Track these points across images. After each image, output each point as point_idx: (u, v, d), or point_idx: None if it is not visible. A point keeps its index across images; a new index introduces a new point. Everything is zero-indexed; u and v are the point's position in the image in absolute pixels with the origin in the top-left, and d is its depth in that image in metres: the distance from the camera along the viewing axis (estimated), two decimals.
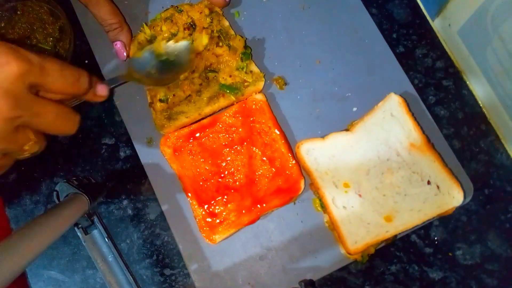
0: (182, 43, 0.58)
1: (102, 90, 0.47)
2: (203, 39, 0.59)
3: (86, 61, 0.65)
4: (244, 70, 0.59)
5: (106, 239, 0.58)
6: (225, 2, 0.61)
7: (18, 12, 0.62)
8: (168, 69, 0.57)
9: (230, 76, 0.59)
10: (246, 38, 0.62)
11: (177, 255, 0.59)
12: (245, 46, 0.60)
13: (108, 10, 0.58)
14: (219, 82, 0.59)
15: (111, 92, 0.51)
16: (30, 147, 0.39)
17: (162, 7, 0.64)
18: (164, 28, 0.60)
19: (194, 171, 0.58)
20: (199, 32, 0.59)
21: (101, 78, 0.62)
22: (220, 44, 0.59)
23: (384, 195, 0.56)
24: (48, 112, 0.38)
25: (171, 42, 0.57)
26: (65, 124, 0.41)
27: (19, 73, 0.35)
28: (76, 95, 0.43)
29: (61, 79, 0.39)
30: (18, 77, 0.35)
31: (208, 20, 0.60)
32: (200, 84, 0.59)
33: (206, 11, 0.60)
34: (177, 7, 0.61)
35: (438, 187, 0.55)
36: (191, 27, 0.60)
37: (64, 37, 0.62)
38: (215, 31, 0.59)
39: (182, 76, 0.58)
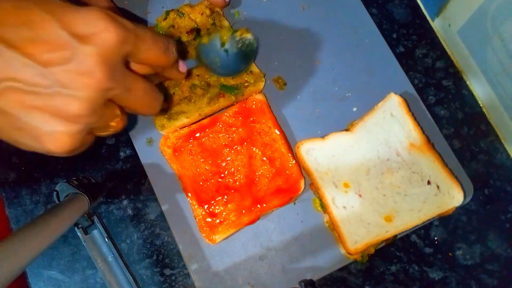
0: (247, 37, 0.56)
1: (183, 67, 0.47)
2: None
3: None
4: (248, 73, 0.59)
5: (106, 239, 0.58)
6: (224, 3, 0.61)
7: None
8: (230, 59, 0.56)
9: (233, 77, 0.59)
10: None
11: (177, 255, 0.59)
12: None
13: (106, 6, 0.58)
14: (220, 83, 0.59)
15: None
16: (117, 123, 0.38)
17: (162, 7, 0.64)
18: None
19: (194, 171, 0.58)
20: (204, 34, 0.59)
21: None
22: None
23: (384, 195, 0.56)
24: (138, 88, 0.38)
25: (237, 33, 0.56)
26: (150, 103, 0.40)
27: (117, 40, 0.33)
28: (165, 66, 0.42)
29: (154, 47, 0.38)
30: (116, 45, 0.33)
31: (211, 21, 0.60)
32: (202, 89, 0.59)
33: (207, 12, 0.60)
34: (178, 11, 0.60)
35: (438, 187, 0.55)
36: (195, 31, 0.59)
37: None
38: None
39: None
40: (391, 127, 0.57)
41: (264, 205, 0.57)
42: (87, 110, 0.33)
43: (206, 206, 0.57)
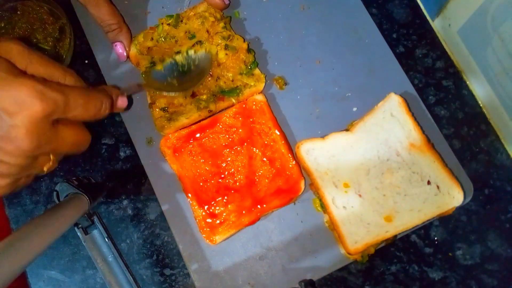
0: (202, 53, 0.58)
1: (122, 103, 0.48)
2: (211, 51, 0.59)
3: (86, 61, 0.65)
4: (248, 74, 0.59)
5: (106, 239, 0.58)
6: (224, 4, 0.61)
7: (18, 12, 0.62)
8: (188, 77, 0.58)
9: (232, 80, 0.59)
10: (249, 42, 0.62)
11: (177, 255, 0.59)
12: (248, 49, 0.60)
13: (107, 11, 0.58)
14: (219, 88, 0.58)
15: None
16: (49, 166, 0.41)
17: (162, 7, 0.64)
18: (165, 45, 0.60)
19: (194, 172, 0.58)
20: (208, 43, 0.59)
21: (101, 79, 0.63)
22: (227, 52, 0.58)
23: (384, 195, 0.56)
24: (67, 142, 0.40)
25: (191, 52, 0.58)
26: (78, 147, 0.42)
27: (43, 115, 0.35)
28: (97, 120, 0.43)
29: (84, 112, 0.40)
30: (41, 119, 0.35)
31: (222, 24, 0.60)
32: (205, 100, 0.59)
33: (217, 16, 0.60)
34: (178, 18, 0.60)
35: (438, 187, 0.55)
36: (197, 43, 0.59)
37: (64, 37, 0.62)
38: (225, 37, 0.59)
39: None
40: (391, 127, 0.57)
41: (264, 205, 0.57)
42: (14, 171, 0.37)
43: (206, 207, 0.57)
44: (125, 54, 0.61)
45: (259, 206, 0.57)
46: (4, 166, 0.36)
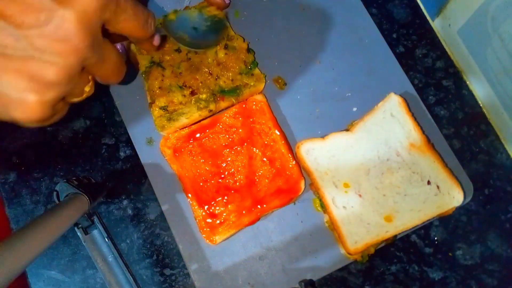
0: (216, 15, 0.57)
1: (157, 41, 0.46)
2: (209, 50, 0.59)
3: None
4: (248, 74, 0.59)
5: (106, 239, 0.58)
6: (224, 4, 0.61)
7: None
8: (200, 37, 0.56)
9: (232, 80, 0.59)
10: (249, 42, 0.62)
11: (177, 255, 0.59)
12: (248, 49, 0.60)
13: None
14: (219, 88, 0.58)
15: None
16: (89, 89, 0.37)
17: (162, 7, 0.64)
18: (165, 45, 0.59)
19: (194, 172, 0.58)
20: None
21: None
22: (226, 52, 0.58)
23: (384, 195, 0.56)
24: (111, 60, 0.37)
25: (205, 11, 0.57)
26: (117, 73, 0.39)
27: (98, 6, 0.31)
28: (141, 38, 0.40)
29: (134, 18, 0.37)
30: (96, 11, 0.31)
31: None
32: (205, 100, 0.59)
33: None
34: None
35: (438, 187, 0.55)
36: None
37: None
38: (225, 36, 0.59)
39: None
40: (391, 127, 0.57)
41: (264, 205, 0.57)
42: (64, 77, 0.31)
43: (206, 207, 0.57)
44: (124, 54, 0.60)
45: (259, 206, 0.57)
46: (50, 70, 0.30)
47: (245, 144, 0.58)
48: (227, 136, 0.59)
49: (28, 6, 0.29)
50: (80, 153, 0.63)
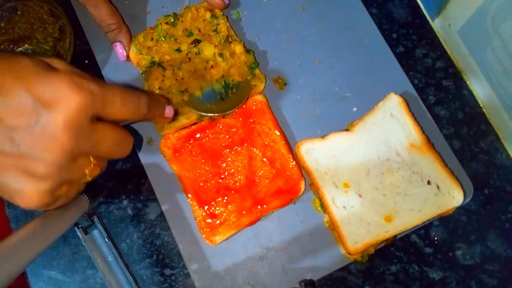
0: (240, 81, 0.59)
1: (170, 112, 0.48)
2: (208, 50, 0.58)
3: (86, 61, 0.65)
4: (251, 76, 0.59)
5: (106, 239, 0.58)
6: (224, 4, 0.61)
7: (18, 12, 0.62)
8: (227, 103, 0.58)
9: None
10: (249, 41, 0.62)
11: (177, 255, 0.59)
12: (247, 50, 0.60)
13: (106, 11, 0.58)
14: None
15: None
16: (91, 171, 0.39)
17: (162, 7, 0.64)
18: (165, 45, 0.60)
19: (194, 172, 0.58)
20: (207, 40, 0.59)
21: (101, 78, 0.63)
22: (226, 56, 0.58)
23: (384, 195, 0.56)
24: (107, 141, 0.38)
25: (229, 80, 0.59)
26: (121, 149, 0.40)
27: (81, 107, 0.34)
28: (137, 120, 0.42)
29: (122, 107, 0.38)
30: (79, 111, 0.34)
31: (213, 27, 0.60)
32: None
33: (208, 16, 0.60)
34: (175, 17, 0.60)
35: (438, 187, 0.55)
36: (195, 41, 0.59)
37: (64, 37, 0.62)
38: (222, 39, 0.59)
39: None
40: (391, 127, 0.57)
41: (265, 206, 0.57)
42: (53, 170, 0.34)
43: (206, 207, 0.57)
44: (124, 54, 0.60)
45: (259, 207, 0.57)
46: (39, 165, 0.34)
47: (245, 144, 0.58)
48: (227, 136, 0.59)
49: (19, 111, 0.33)
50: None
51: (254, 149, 0.58)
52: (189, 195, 0.57)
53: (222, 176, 0.58)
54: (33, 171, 0.34)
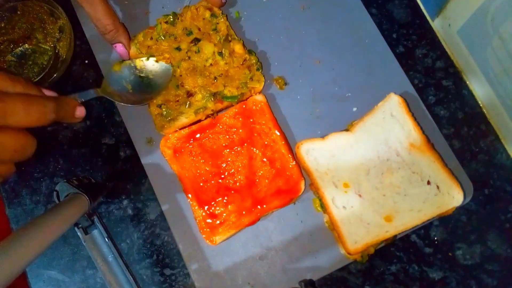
0: (163, 64, 0.58)
1: (80, 113, 0.48)
2: (208, 48, 0.59)
3: (86, 61, 0.65)
4: (253, 79, 0.59)
5: (106, 239, 0.58)
6: (221, 2, 0.61)
7: (18, 12, 0.62)
8: (144, 88, 0.58)
9: (237, 88, 0.59)
10: (249, 41, 0.62)
11: (177, 255, 0.59)
12: (249, 51, 0.60)
13: (102, 10, 0.57)
14: (222, 94, 0.58)
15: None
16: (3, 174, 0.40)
17: (163, 7, 0.64)
18: (165, 44, 0.60)
19: (194, 172, 0.58)
20: (207, 39, 0.59)
21: (101, 77, 0.63)
22: (225, 55, 0.58)
23: (384, 195, 0.56)
24: (7, 146, 0.39)
25: (152, 60, 0.58)
26: (21, 154, 0.41)
27: None
28: (43, 125, 0.42)
29: (26, 117, 0.39)
30: None
31: (213, 26, 0.60)
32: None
33: (207, 15, 0.60)
34: (175, 16, 0.60)
35: (438, 187, 0.55)
36: (195, 40, 0.59)
37: (64, 37, 0.62)
38: (221, 38, 0.59)
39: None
40: (391, 127, 0.57)
41: (265, 206, 0.57)
42: None
43: (206, 207, 0.57)
44: (127, 52, 0.60)
45: (259, 207, 0.57)
46: None
47: (245, 144, 0.58)
48: (227, 136, 0.59)
49: None
50: (80, 153, 0.63)
51: (254, 149, 0.58)
52: (189, 195, 0.57)
53: (222, 176, 0.58)
54: None
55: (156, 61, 0.58)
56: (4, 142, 0.39)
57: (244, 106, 0.59)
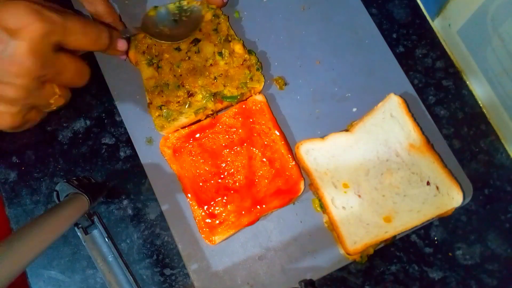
0: (194, 6, 0.61)
1: (122, 45, 0.51)
2: (208, 49, 0.59)
3: (86, 61, 0.65)
4: (253, 79, 0.59)
5: (106, 239, 0.58)
6: (222, 2, 0.61)
7: None
8: (180, 27, 0.60)
9: (237, 88, 0.59)
10: (249, 41, 0.62)
11: (177, 255, 0.60)
12: (249, 51, 0.60)
13: (102, 9, 0.57)
14: (222, 94, 0.58)
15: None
16: (56, 100, 0.43)
17: None
18: (165, 44, 0.60)
19: (194, 172, 0.58)
20: (207, 40, 0.59)
21: (101, 77, 0.63)
22: (225, 55, 0.58)
23: (384, 196, 0.56)
24: (69, 70, 0.42)
25: (184, 3, 0.61)
26: (80, 78, 0.44)
27: (43, 33, 0.37)
28: (98, 51, 0.47)
29: (83, 37, 0.42)
30: (43, 37, 0.37)
31: (214, 26, 0.60)
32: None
33: (209, 16, 0.60)
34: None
35: (437, 187, 0.55)
36: (195, 40, 0.59)
37: None
38: (221, 38, 0.59)
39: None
40: (390, 128, 0.57)
41: (264, 206, 0.57)
42: (21, 94, 0.38)
43: (205, 207, 0.57)
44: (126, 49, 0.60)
45: (258, 207, 0.57)
46: (10, 89, 0.37)
47: (245, 144, 0.58)
48: (227, 136, 0.59)
49: None
50: (80, 153, 0.63)
51: (254, 149, 0.58)
52: (189, 195, 0.57)
53: (222, 176, 0.58)
54: (5, 95, 0.38)
55: (187, 3, 0.61)
56: (66, 63, 0.41)
57: (244, 106, 0.59)
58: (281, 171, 0.57)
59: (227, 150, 0.58)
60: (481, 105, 0.63)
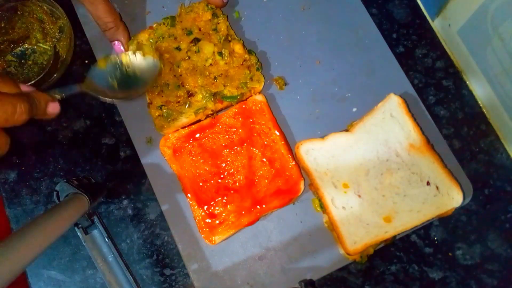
0: (150, 59, 0.55)
1: (54, 109, 0.46)
2: (208, 48, 0.58)
3: (86, 61, 0.65)
4: (253, 79, 0.59)
5: (106, 239, 0.58)
6: (222, 2, 0.61)
7: (18, 12, 0.63)
8: (130, 84, 0.54)
9: (237, 88, 0.59)
10: (249, 41, 0.62)
11: (177, 255, 0.60)
12: (249, 51, 0.60)
13: (103, 8, 0.57)
14: (222, 94, 0.58)
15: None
16: None
17: (163, 7, 0.64)
18: (164, 44, 0.60)
19: (194, 172, 0.58)
20: (207, 39, 0.59)
21: None
22: (225, 55, 0.58)
23: (383, 196, 0.56)
24: None
25: (139, 55, 0.55)
26: None
27: None
28: (15, 125, 0.42)
29: None
30: None
31: (213, 26, 0.60)
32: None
33: (208, 15, 0.60)
34: (173, 19, 0.60)
35: (437, 188, 0.55)
36: (195, 40, 0.59)
37: (64, 37, 0.63)
38: (221, 38, 0.59)
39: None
40: (390, 128, 0.57)
41: (264, 206, 0.57)
42: None
43: (205, 207, 0.57)
44: (123, 50, 0.60)
45: (258, 207, 0.57)
46: None
47: (245, 144, 0.58)
48: (227, 136, 0.59)
49: None
50: (80, 153, 0.63)
51: (254, 149, 0.58)
52: (189, 195, 0.57)
53: (222, 176, 0.58)
54: None
55: (143, 55, 0.55)
56: None
57: (244, 106, 0.59)
58: (281, 171, 0.57)
59: (227, 150, 0.58)
60: (481, 105, 0.63)
